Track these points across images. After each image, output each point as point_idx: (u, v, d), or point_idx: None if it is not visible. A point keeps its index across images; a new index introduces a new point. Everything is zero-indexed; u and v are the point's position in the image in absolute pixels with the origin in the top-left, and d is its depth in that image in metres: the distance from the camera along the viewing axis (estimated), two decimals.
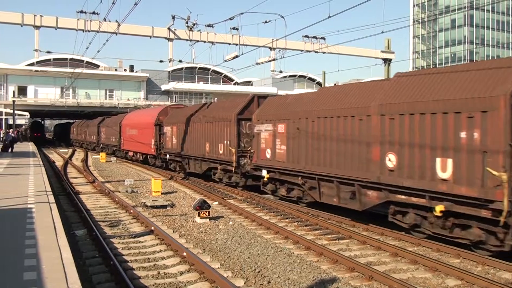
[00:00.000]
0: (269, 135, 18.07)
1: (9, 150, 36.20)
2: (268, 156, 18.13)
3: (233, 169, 20.50)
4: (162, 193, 20.27)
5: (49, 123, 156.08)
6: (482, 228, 10.31)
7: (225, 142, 21.14)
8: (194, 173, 25.87)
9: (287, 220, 15.31)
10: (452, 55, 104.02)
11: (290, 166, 16.64)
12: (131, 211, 15.91)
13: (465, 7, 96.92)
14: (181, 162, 27.43)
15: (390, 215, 12.67)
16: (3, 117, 59.83)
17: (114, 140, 44.18)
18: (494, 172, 9.43)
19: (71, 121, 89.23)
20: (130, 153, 38.51)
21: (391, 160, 12.06)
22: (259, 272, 9.77)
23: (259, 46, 29.84)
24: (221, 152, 21.61)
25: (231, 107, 21.53)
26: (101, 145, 51.10)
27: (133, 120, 38.14)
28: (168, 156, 29.13)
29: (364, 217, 14.59)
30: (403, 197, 11.89)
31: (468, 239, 10.72)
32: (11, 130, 46.77)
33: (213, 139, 22.44)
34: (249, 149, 19.97)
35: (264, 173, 18.42)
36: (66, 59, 76.40)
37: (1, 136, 55.80)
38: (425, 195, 11.15)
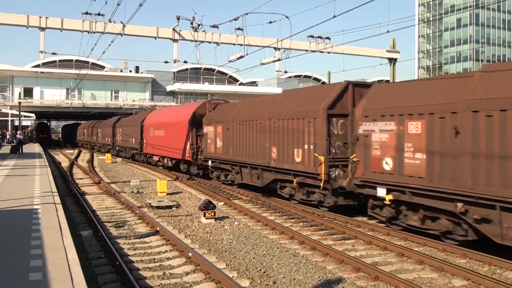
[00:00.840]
0: (389, 137, 12.87)
1: (19, 151, 36.06)
2: (388, 167, 12.95)
3: (321, 184, 15.31)
4: (167, 194, 20.29)
5: (55, 124, 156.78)
6: None
7: (306, 146, 16.12)
8: (249, 185, 20.78)
9: (292, 220, 15.28)
10: (458, 55, 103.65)
11: (438, 186, 11.40)
12: (137, 211, 15.93)
13: (470, 6, 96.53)
14: (229, 171, 22.48)
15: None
16: (9, 118, 60.10)
17: (133, 142, 39.12)
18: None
19: (80, 122, 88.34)
20: (155, 158, 33.49)
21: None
22: (264, 272, 9.75)
23: (264, 47, 29.87)
24: (298, 160, 16.57)
25: (313, 99, 16.37)
26: (117, 148, 46.52)
27: (159, 119, 32.87)
28: (210, 162, 24.11)
29: (370, 217, 14.53)
30: None
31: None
32: (18, 132, 46.69)
33: (284, 143, 17.37)
34: (349, 156, 14.90)
35: (382, 192, 13.16)
36: (71, 60, 76.65)
37: (7, 137, 56.09)
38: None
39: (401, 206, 12.89)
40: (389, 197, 12.83)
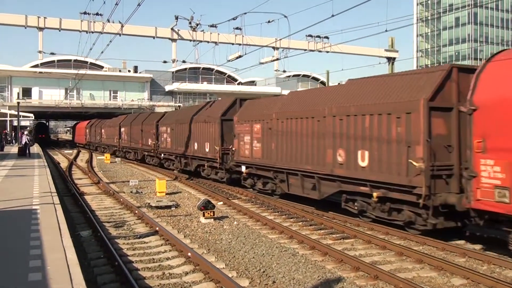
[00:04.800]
0: None
1: (26, 153, 34.08)
2: None
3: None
4: (166, 194, 20.28)
5: (53, 124, 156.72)
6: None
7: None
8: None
9: (291, 220, 15.29)
10: (456, 54, 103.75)
11: None
12: (136, 211, 15.92)
13: (468, 5, 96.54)
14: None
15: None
16: (8, 118, 60.03)
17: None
18: None
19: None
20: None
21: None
22: (264, 272, 9.75)
23: (262, 46, 29.89)
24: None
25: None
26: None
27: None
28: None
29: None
30: None
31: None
32: (25, 132, 45.96)
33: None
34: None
35: None
36: (70, 60, 76.62)
37: (9, 138, 56.01)
38: None
39: None
40: None
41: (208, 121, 23.73)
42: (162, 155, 31.67)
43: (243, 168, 20.37)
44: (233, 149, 21.30)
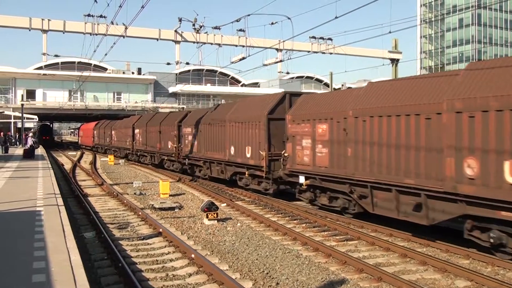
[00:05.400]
0: None
1: (31, 155, 33.90)
2: None
3: None
4: (170, 195, 20.30)
5: (57, 126, 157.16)
6: None
7: None
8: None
9: (295, 221, 15.28)
10: (460, 55, 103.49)
11: None
12: (140, 213, 15.94)
13: (472, 6, 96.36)
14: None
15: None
16: (12, 120, 60.24)
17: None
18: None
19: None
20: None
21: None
22: (267, 273, 9.75)
23: (266, 48, 29.91)
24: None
25: None
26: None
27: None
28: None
29: (373, 218, 14.53)
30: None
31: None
32: (30, 134, 45.87)
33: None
34: None
35: None
36: (74, 62, 76.78)
37: (13, 140, 56.13)
38: None
39: None
40: None
41: (250, 120, 19.88)
42: (187, 160, 27.64)
43: (302, 179, 16.68)
44: (285, 154, 17.53)
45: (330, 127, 15.15)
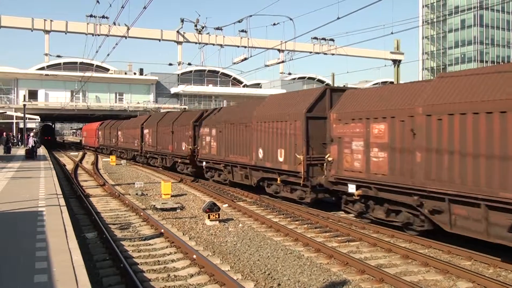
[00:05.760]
0: None
1: (33, 155, 33.69)
2: None
3: None
4: (171, 196, 20.31)
5: (59, 126, 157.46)
6: None
7: None
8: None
9: (297, 222, 15.27)
10: (462, 56, 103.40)
11: None
12: (141, 213, 15.95)
13: (474, 7, 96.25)
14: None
15: None
16: (14, 120, 60.34)
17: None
18: None
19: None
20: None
21: None
22: (269, 274, 9.75)
23: (267, 48, 29.90)
24: None
25: None
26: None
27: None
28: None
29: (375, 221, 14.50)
30: None
31: None
32: (31, 134, 45.82)
33: None
34: None
35: None
36: (76, 63, 76.88)
37: (15, 140, 56.23)
38: None
39: None
40: None
41: (284, 119, 17.56)
42: (204, 163, 25.19)
43: (351, 188, 14.42)
44: (329, 159, 15.25)
45: (390, 127, 12.91)
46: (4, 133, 47.37)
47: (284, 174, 17.78)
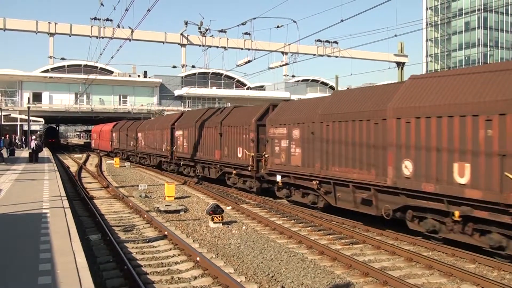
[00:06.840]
0: None
1: (35, 159, 33.27)
2: None
3: None
4: (175, 198, 20.33)
5: (63, 128, 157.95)
6: None
7: None
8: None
9: (300, 224, 15.25)
10: (466, 58, 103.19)
11: None
12: (145, 216, 15.97)
13: (478, 10, 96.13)
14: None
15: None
16: (18, 123, 60.56)
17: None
18: None
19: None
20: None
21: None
22: (272, 277, 9.74)
23: (271, 51, 29.89)
24: None
25: None
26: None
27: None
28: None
29: (378, 222, 14.48)
30: None
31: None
32: (34, 137, 45.85)
33: None
34: None
35: None
36: (80, 65, 77.20)
37: (18, 143, 56.40)
38: None
39: None
40: None
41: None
42: (279, 177, 18.59)
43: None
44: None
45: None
46: (7, 136, 47.46)
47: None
